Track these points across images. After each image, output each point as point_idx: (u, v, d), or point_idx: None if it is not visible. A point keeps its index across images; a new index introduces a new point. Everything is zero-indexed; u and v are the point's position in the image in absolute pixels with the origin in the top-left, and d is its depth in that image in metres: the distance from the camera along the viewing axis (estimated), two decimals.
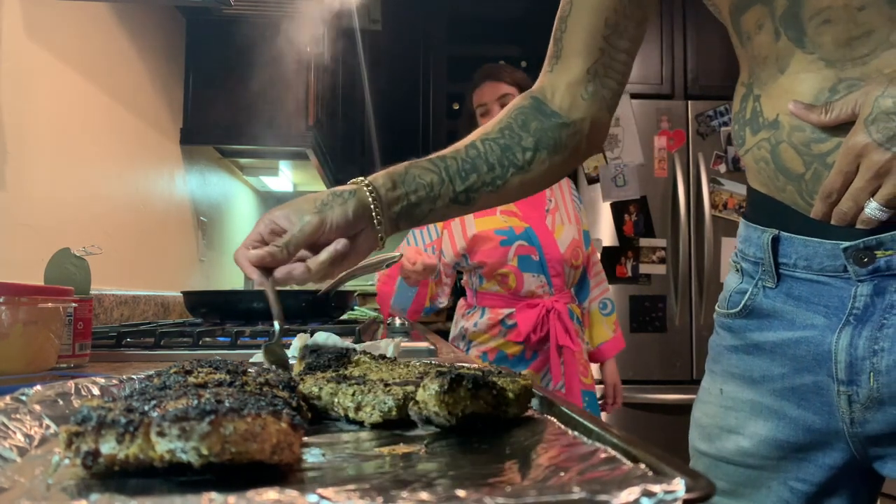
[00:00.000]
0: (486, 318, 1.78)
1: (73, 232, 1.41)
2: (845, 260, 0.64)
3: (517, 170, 0.80)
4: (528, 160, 0.80)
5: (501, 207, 1.79)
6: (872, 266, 0.62)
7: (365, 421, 0.48)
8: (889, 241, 0.61)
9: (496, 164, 0.79)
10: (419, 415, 0.46)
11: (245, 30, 2.08)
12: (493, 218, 1.79)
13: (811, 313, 0.68)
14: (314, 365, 0.60)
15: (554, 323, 1.73)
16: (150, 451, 0.32)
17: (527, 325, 1.73)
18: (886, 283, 0.62)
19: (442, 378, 0.45)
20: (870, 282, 0.63)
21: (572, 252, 1.80)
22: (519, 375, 0.51)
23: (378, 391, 0.48)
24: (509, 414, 0.48)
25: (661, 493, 0.27)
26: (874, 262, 0.62)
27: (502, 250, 1.76)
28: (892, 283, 0.62)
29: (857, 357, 0.63)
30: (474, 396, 0.45)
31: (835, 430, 0.66)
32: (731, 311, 0.75)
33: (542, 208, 1.82)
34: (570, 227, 1.82)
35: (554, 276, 1.77)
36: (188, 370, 0.50)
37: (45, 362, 0.81)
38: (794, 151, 0.64)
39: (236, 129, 2.12)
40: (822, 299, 0.67)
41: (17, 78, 1.21)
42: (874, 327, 0.62)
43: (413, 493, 0.28)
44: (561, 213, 1.83)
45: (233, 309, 1.38)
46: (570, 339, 1.73)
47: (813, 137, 0.62)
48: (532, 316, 1.74)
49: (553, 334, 1.73)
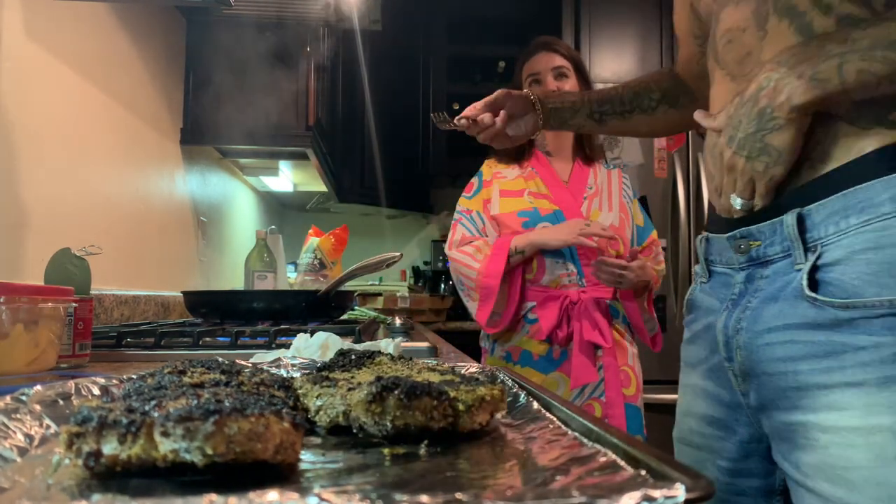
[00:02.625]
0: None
1: (74, 232, 1.41)
2: (731, 250, 0.75)
3: (642, 112, 1.07)
4: (653, 107, 1.06)
5: (531, 189, 1.67)
6: (747, 256, 0.73)
7: (320, 424, 0.46)
8: (756, 232, 0.72)
9: (627, 103, 1.07)
10: (354, 422, 0.43)
11: (245, 30, 2.08)
12: (518, 200, 1.67)
13: (715, 300, 0.80)
14: (326, 365, 0.59)
15: (577, 316, 1.56)
16: (152, 452, 0.32)
17: (548, 320, 1.56)
18: (756, 271, 0.73)
19: (371, 386, 0.42)
20: (745, 270, 0.74)
21: (608, 241, 1.59)
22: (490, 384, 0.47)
23: (338, 395, 0.46)
24: (459, 426, 0.43)
25: (661, 498, 0.27)
26: (749, 252, 0.73)
27: (524, 232, 1.61)
28: (759, 271, 0.73)
29: (730, 336, 0.74)
30: (407, 407, 0.41)
31: (737, 403, 0.77)
32: (685, 310, 0.90)
33: (580, 194, 1.68)
34: (608, 215, 1.65)
35: (586, 266, 1.60)
36: (181, 370, 0.50)
37: (45, 362, 0.82)
38: (710, 157, 0.76)
39: (236, 129, 2.12)
40: (722, 288, 0.79)
41: (17, 78, 1.21)
42: (741, 309, 0.73)
43: (413, 494, 0.28)
44: (602, 200, 1.68)
45: (233, 309, 1.38)
46: (602, 336, 1.54)
47: (719, 143, 0.74)
48: (554, 309, 1.57)
49: (577, 329, 1.55)
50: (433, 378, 0.50)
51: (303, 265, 2.71)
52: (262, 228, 2.58)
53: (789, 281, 0.69)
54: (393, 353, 0.75)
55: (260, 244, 2.25)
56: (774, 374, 0.69)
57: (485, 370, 0.66)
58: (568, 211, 1.64)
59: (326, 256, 2.68)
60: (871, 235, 0.63)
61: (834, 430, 0.64)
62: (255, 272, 2.22)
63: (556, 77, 1.70)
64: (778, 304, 0.69)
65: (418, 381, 0.43)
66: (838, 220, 0.65)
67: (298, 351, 0.80)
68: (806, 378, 0.66)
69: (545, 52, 1.72)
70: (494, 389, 0.46)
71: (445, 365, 0.59)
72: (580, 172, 1.74)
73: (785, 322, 0.68)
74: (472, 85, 3.76)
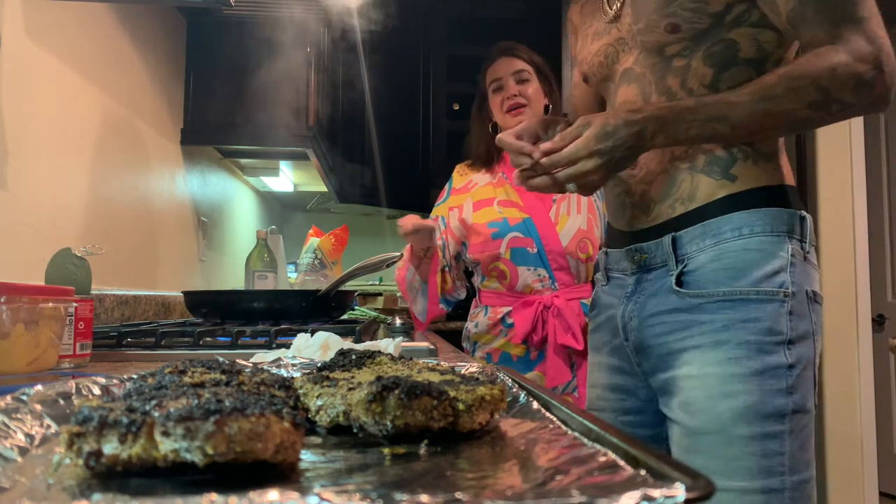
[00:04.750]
0: (486, 317, 1.72)
1: (74, 232, 1.41)
2: (626, 259, 1.05)
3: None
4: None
5: (500, 198, 1.74)
6: (637, 265, 1.03)
7: (320, 423, 0.46)
8: (645, 248, 1.01)
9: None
10: (355, 422, 0.43)
11: (245, 30, 2.08)
12: (489, 210, 1.73)
13: (614, 298, 1.08)
14: (326, 365, 0.59)
15: (551, 320, 1.63)
16: (153, 451, 0.32)
17: (524, 324, 1.65)
18: (642, 276, 1.02)
19: (371, 385, 0.42)
20: (636, 275, 1.04)
21: (577, 244, 1.68)
22: (490, 384, 0.47)
23: (338, 395, 0.46)
24: (459, 426, 0.43)
25: (661, 497, 0.27)
26: (639, 262, 1.02)
27: (494, 243, 1.69)
28: (644, 276, 1.02)
29: (626, 322, 1.03)
30: (407, 407, 0.41)
31: (635, 373, 1.05)
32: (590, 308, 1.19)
33: (549, 198, 1.73)
34: (576, 218, 1.71)
35: (556, 270, 1.68)
36: (182, 370, 0.50)
37: (45, 362, 0.82)
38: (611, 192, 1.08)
39: (236, 130, 2.12)
40: (619, 289, 1.07)
41: (18, 78, 1.21)
42: (633, 303, 1.03)
43: (413, 494, 0.28)
44: (570, 203, 1.73)
45: (233, 309, 1.38)
46: (574, 338, 1.62)
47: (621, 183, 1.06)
48: (528, 315, 1.65)
49: (552, 333, 1.63)
50: (433, 378, 0.50)
51: (303, 265, 2.71)
52: (262, 228, 2.58)
53: (665, 282, 0.98)
54: (393, 353, 0.75)
55: (260, 244, 2.25)
56: (654, 345, 0.98)
57: (485, 370, 0.66)
58: (537, 217, 1.70)
59: (326, 256, 2.68)
60: (716, 252, 0.94)
61: (686, 378, 0.94)
62: (256, 272, 2.22)
63: (517, 81, 1.74)
64: (657, 298, 0.99)
65: (418, 381, 0.43)
66: (698, 242, 0.95)
67: (298, 351, 0.80)
68: (672, 345, 0.96)
69: (506, 58, 1.77)
70: (494, 389, 0.46)
71: (445, 365, 0.59)
72: None
73: (660, 309, 0.98)
74: (472, 85, 3.74)
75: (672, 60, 0.97)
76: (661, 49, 0.97)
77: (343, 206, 3.61)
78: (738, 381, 0.89)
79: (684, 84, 0.96)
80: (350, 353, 0.60)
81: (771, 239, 0.92)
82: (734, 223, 0.93)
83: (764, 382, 0.88)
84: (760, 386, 0.88)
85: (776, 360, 0.89)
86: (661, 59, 0.98)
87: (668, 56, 0.97)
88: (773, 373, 0.89)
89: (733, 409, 0.88)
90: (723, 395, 0.89)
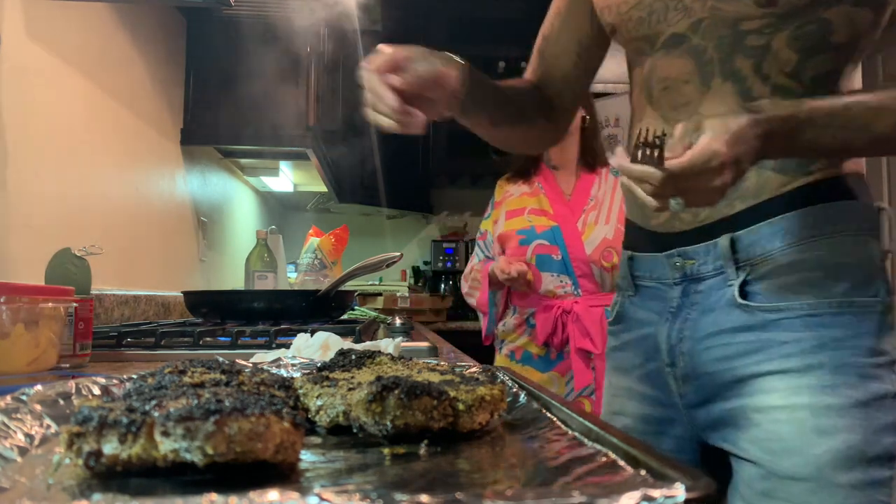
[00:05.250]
0: (514, 316, 1.82)
1: (74, 232, 1.41)
2: (666, 266, 0.85)
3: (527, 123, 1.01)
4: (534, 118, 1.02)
5: (531, 206, 1.84)
6: (682, 273, 0.83)
7: (320, 423, 0.46)
8: (691, 252, 0.82)
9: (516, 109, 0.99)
10: (355, 422, 0.43)
11: (245, 30, 2.08)
12: (519, 219, 1.84)
13: (651, 313, 0.88)
14: (326, 365, 0.59)
15: (570, 325, 1.72)
16: (153, 451, 0.32)
17: (544, 326, 1.74)
18: (690, 287, 0.83)
19: (371, 386, 0.42)
20: (680, 285, 0.84)
21: (601, 253, 1.75)
22: (490, 384, 0.47)
23: (338, 395, 0.46)
24: (459, 426, 0.43)
25: (661, 497, 0.27)
26: (684, 269, 0.83)
27: (521, 249, 1.81)
28: (693, 286, 0.83)
29: (673, 344, 0.84)
30: (407, 407, 0.41)
31: (673, 403, 0.86)
32: (610, 321, 0.99)
33: (580, 207, 1.82)
34: (602, 227, 1.77)
35: (581, 277, 1.76)
36: (182, 370, 0.50)
37: (45, 362, 0.82)
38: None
39: (236, 130, 2.12)
40: (657, 302, 0.88)
41: (18, 78, 1.21)
42: (682, 321, 0.83)
43: (413, 494, 0.28)
44: (600, 213, 1.80)
45: (233, 309, 1.38)
46: (592, 343, 1.69)
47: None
48: (549, 318, 1.74)
49: (572, 337, 1.71)
50: (433, 378, 0.50)
51: (303, 265, 2.71)
52: (262, 228, 2.58)
53: (723, 294, 0.80)
54: (393, 353, 0.75)
55: (260, 244, 2.25)
56: (714, 371, 0.80)
57: (485, 370, 0.66)
58: (565, 226, 1.79)
59: (326, 256, 2.68)
60: (791, 255, 0.76)
61: (764, 409, 0.76)
62: (256, 272, 2.22)
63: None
64: (714, 314, 0.80)
65: (418, 381, 0.43)
66: (765, 244, 0.77)
67: (298, 351, 0.80)
68: (740, 371, 0.78)
69: None
70: (494, 389, 0.46)
71: (445, 365, 0.59)
72: (583, 184, 1.85)
73: (721, 328, 0.80)
74: None
75: (746, 37, 0.77)
76: (737, 22, 0.77)
77: (343, 206, 3.61)
78: (837, 415, 0.72)
79: (758, 69, 0.76)
80: (350, 354, 0.60)
81: (859, 238, 0.76)
82: (813, 219, 0.76)
83: (869, 416, 0.72)
84: (864, 421, 0.72)
85: (882, 387, 0.73)
86: (732, 34, 0.77)
87: (743, 32, 0.77)
88: (880, 404, 0.72)
89: (833, 450, 0.71)
90: (818, 431, 0.72)
